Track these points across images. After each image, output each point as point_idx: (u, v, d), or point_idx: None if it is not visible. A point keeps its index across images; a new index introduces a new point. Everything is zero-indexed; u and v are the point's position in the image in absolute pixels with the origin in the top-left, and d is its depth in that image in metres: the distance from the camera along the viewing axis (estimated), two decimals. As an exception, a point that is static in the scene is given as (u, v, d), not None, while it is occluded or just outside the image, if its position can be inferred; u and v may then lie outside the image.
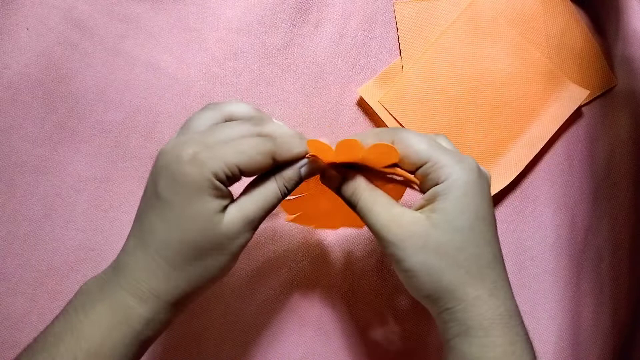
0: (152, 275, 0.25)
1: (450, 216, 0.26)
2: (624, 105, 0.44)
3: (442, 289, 0.26)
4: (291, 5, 0.41)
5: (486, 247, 0.26)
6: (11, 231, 0.36)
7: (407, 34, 0.43)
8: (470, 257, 0.26)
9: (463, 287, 0.25)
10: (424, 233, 0.26)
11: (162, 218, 0.25)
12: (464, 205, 0.26)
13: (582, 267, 0.43)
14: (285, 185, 0.27)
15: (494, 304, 0.26)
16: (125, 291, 0.25)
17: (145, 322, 0.25)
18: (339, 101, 0.41)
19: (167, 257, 0.25)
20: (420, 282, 0.26)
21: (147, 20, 0.39)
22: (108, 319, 0.24)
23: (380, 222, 0.27)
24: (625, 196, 0.43)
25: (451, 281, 0.25)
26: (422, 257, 0.26)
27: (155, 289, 0.25)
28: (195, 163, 0.24)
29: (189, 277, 0.25)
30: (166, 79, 0.39)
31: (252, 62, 0.40)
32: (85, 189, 0.37)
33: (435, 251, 0.26)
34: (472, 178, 0.26)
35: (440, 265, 0.26)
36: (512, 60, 0.43)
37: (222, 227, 0.25)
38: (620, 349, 0.42)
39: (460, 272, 0.26)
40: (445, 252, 0.26)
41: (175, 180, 0.25)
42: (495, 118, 0.42)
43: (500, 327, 0.25)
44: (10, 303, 0.35)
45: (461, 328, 0.25)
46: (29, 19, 0.37)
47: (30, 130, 0.37)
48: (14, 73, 0.37)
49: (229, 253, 0.26)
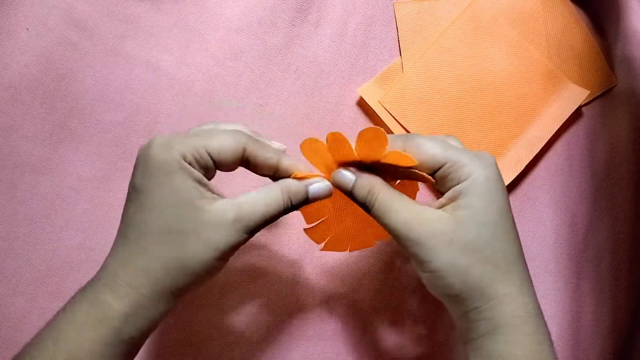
0: (129, 266, 0.24)
1: (475, 212, 0.25)
2: (624, 105, 0.44)
3: (471, 287, 0.25)
4: (291, 5, 0.41)
5: (512, 242, 0.26)
6: (11, 231, 0.36)
7: (407, 34, 0.43)
8: (498, 253, 0.25)
9: (492, 284, 0.25)
10: (449, 230, 0.25)
11: (138, 206, 0.25)
12: (488, 201, 0.25)
13: (582, 267, 0.43)
14: (290, 198, 0.27)
15: (523, 301, 0.25)
16: (102, 286, 0.24)
17: (124, 318, 0.24)
18: (339, 101, 0.41)
19: (144, 246, 0.24)
20: (448, 282, 0.25)
21: (147, 20, 0.39)
22: (85, 316, 0.24)
23: (400, 220, 0.26)
24: (625, 196, 0.43)
25: (480, 279, 0.25)
26: (449, 256, 0.25)
27: (132, 281, 0.24)
28: (164, 146, 0.25)
29: (168, 267, 0.24)
30: (166, 79, 0.39)
31: (252, 62, 0.40)
32: (85, 189, 0.37)
33: (462, 248, 0.25)
34: (493, 174, 0.26)
35: (468, 262, 0.25)
36: (512, 60, 0.43)
37: (206, 214, 0.25)
38: (620, 349, 0.42)
39: (489, 269, 0.25)
40: (473, 249, 0.25)
41: (147, 167, 0.25)
42: (495, 118, 0.42)
43: (528, 325, 0.25)
44: (10, 303, 0.35)
45: (489, 326, 0.25)
46: (29, 19, 0.37)
47: (30, 130, 0.37)
48: (14, 73, 0.37)
49: (214, 247, 0.25)
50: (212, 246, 0.25)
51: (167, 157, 0.24)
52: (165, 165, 0.24)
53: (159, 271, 0.24)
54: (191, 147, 0.25)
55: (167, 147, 0.24)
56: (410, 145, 0.27)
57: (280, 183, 0.27)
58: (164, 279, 0.24)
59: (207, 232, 0.25)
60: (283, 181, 0.27)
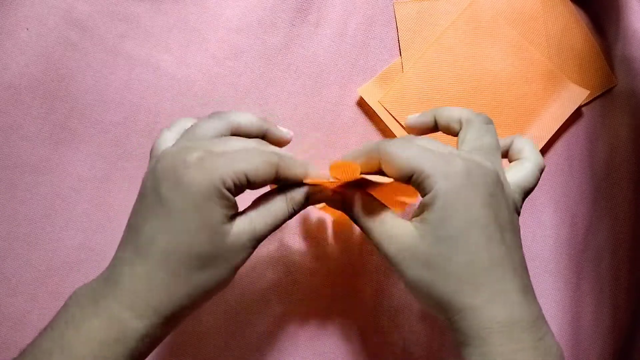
0: (152, 287, 0.24)
1: (434, 227, 0.25)
2: (624, 105, 0.44)
3: (438, 301, 0.25)
4: (291, 5, 0.41)
5: (480, 252, 0.25)
6: (11, 231, 0.36)
7: (407, 34, 0.43)
8: (461, 266, 0.25)
9: (457, 296, 0.25)
10: (413, 245, 0.25)
11: (166, 226, 0.24)
12: (448, 214, 0.25)
13: (582, 267, 0.43)
14: (293, 206, 0.27)
15: (493, 312, 0.24)
16: (121, 305, 0.23)
17: (141, 338, 0.24)
18: (339, 101, 0.41)
19: (168, 269, 0.24)
20: (419, 295, 0.26)
21: (147, 20, 0.39)
22: (101, 335, 0.23)
23: (376, 237, 0.27)
24: (625, 196, 0.43)
25: (444, 293, 0.25)
26: (414, 271, 0.25)
27: (154, 303, 0.24)
28: (204, 168, 0.23)
29: (189, 290, 0.24)
30: (166, 79, 0.39)
31: (252, 62, 0.40)
32: (85, 189, 0.37)
33: (424, 264, 0.25)
34: (456, 184, 0.25)
35: (430, 277, 0.25)
36: (512, 60, 0.43)
37: (229, 239, 0.25)
38: (620, 349, 0.42)
39: (451, 283, 0.25)
40: (434, 264, 0.25)
41: (182, 186, 0.23)
42: (495, 118, 0.42)
43: (499, 336, 0.24)
44: (10, 303, 0.35)
45: (461, 337, 0.25)
46: (29, 19, 0.37)
47: (30, 130, 0.37)
48: (14, 73, 0.37)
49: (231, 267, 0.25)
50: (231, 267, 0.25)
51: (207, 182, 0.23)
52: (205, 190, 0.23)
53: (183, 295, 0.24)
54: (231, 172, 0.24)
55: (207, 171, 0.24)
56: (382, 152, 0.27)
57: (287, 194, 0.28)
58: (184, 302, 0.24)
59: (228, 255, 0.25)
60: (289, 192, 0.28)
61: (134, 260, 0.24)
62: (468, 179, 0.25)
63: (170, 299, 0.24)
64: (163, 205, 0.24)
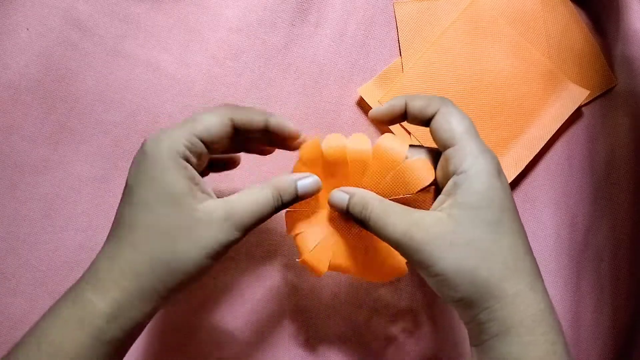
0: (115, 263, 0.23)
1: (475, 210, 0.24)
2: (624, 105, 0.44)
3: (479, 287, 0.24)
4: (291, 5, 0.41)
5: (518, 238, 0.25)
6: (11, 231, 0.36)
7: (407, 34, 0.43)
8: (504, 250, 0.24)
9: (501, 282, 0.24)
10: (450, 231, 0.24)
11: (129, 202, 0.24)
12: (488, 198, 0.25)
13: (582, 267, 0.43)
14: (281, 194, 0.27)
15: (535, 299, 0.24)
16: (86, 284, 0.23)
17: (108, 317, 0.23)
18: (339, 101, 0.41)
19: (132, 243, 0.24)
20: (453, 284, 0.24)
21: (147, 20, 0.39)
22: (67, 315, 0.23)
23: (399, 231, 0.25)
24: (625, 196, 0.43)
25: (487, 278, 0.24)
26: (452, 258, 0.24)
27: (117, 279, 0.23)
28: (156, 142, 0.24)
29: (156, 264, 0.24)
30: (166, 79, 0.39)
31: (252, 62, 0.40)
32: (85, 189, 0.37)
33: (465, 248, 0.24)
34: (494, 170, 0.25)
35: (473, 262, 0.24)
36: (512, 60, 0.43)
37: (197, 212, 0.24)
38: (620, 349, 0.42)
39: (495, 267, 0.24)
40: (477, 248, 0.24)
41: (139, 163, 0.25)
42: (495, 118, 0.42)
43: (543, 325, 0.24)
44: (10, 303, 0.35)
45: (501, 327, 0.24)
46: (29, 19, 0.37)
47: (30, 130, 0.37)
48: (14, 73, 0.37)
49: (203, 245, 0.24)
50: (202, 244, 0.24)
51: (159, 151, 0.24)
52: (159, 160, 0.24)
53: (146, 269, 0.23)
54: (180, 137, 0.25)
55: (158, 142, 0.24)
56: (442, 110, 0.27)
57: (271, 181, 0.27)
58: (150, 278, 0.24)
59: (197, 230, 0.24)
60: (273, 178, 0.27)
61: (106, 242, 0.25)
62: (499, 169, 0.26)
63: (134, 276, 0.23)
64: (129, 185, 0.25)
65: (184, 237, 0.24)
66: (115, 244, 0.24)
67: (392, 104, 0.30)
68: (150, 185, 0.24)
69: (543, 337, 0.23)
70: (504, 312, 0.24)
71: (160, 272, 0.24)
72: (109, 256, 0.24)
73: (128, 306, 0.23)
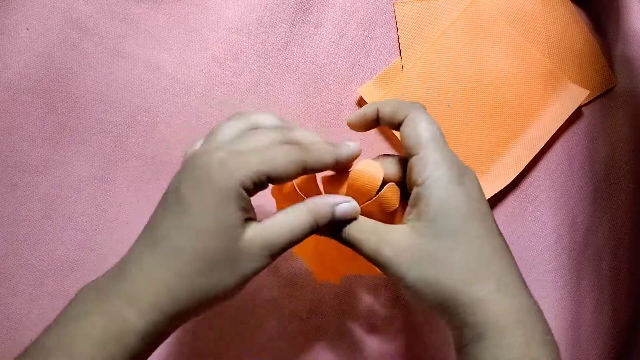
0: (156, 285, 0.23)
1: (433, 221, 0.25)
2: (624, 105, 0.44)
3: (444, 297, 0.24)
4: (291, 5, 0.41)
5: (481, 243, 0.25)
6: (11, 231, 0.36)
7: (407, 34, 0.43)
8: (464, 257, 0.25)
9: (465, 289, 0.24)
10: (413, 244, 0.25)
11: (180, 223, 0.23)
12: (447, 207, 0.25)
13: (582, 267, 0.43)
14: (317, 220, 0.26)
15: (504, 302, 0.24)
16: (123, 301, 0.23)
17: (141, 337, 0.23)
18: (339, 101, 0.41)
19: (175, 267, 0.23)
20: (422, 295, 0.25)
21: (147, 20, 0.39)
22: (101, 332, 0.22)
23: (371, 248, 0.26)
24: (625, 196, 0.43)
25: (451, 287, 0.24)
26: (416, 270, 0.25)
27: (157, 302, 0.23)
28: (224, 168, 0.23)
29: (194, 291, 0.23)
30: (166, 79, 0.39)
31: (252, 62, 0.40)
32: (85, 189, 0.37)
33: (427, 260, 0.25)
34: (454, 177, 0.25)
35: (434, 273, 0.24)
36: (512, 60, 0.43)
37: (240, 244, 0.24)
38: (620, 349, 0.42)
39: (457, 276, 0.24)
40: (438, 259, 0.24)
41: (201, 185, 0.23)
42: (495, 118, 0.42)
43: (514, 326, 0.24)
44: (10, 303, 0.35)
45: (474, 332, 0.24)
46: (29, 19, 0.37)
47: (30, 130, 0.37)
48: (14, 73, 0.37)
49: (240, 275, 0.24)
50: (240, 275, 0.24)
51: (226, 182, 0.23)
52: (223, 190, 0.23)
53: (187, 296, 0.23)
54: (252, 172, 0.24)
55: (227, 171, 0.23)
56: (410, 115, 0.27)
57: (307, 204, 0.26)
58: (188, 304, 0.24)
59: (239, 261, 0.24)
60: (311, 202, 0.26)
61: (142, 255, 0.24)
62: (460, 173, 0.26)
63: (171, 299, 0.23)
64: (181, 203, 0.24)
65: (227, 267, 0.24)
66: (156, 264, 0.23)
67: (364, 112, 0.30)
68: (208, 213, 0.23)
69: (517, 339, 0.23)
70: (474, 318, 0.24)
71: (200, 300, 0.24)
72: (147, 275, 0.23)
73: (161, 327, 0.23)
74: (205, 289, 0.24)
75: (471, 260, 0.25)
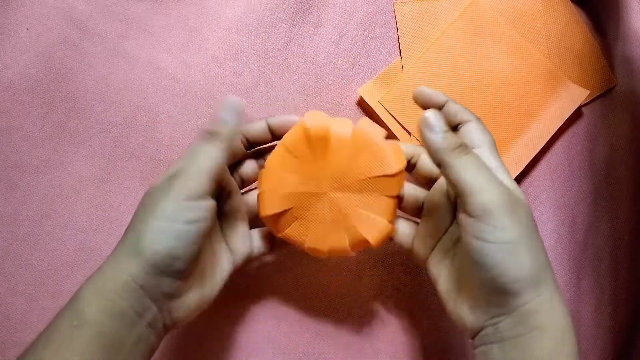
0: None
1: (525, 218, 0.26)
2: (624, 105, 0.44)
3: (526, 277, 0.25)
4: (291, 5, 0.41)
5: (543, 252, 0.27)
6: (11, 231, 0.36)
7: (407, 34, 0.43)
8: (542, 252, 0.26)
9: (542, 281, 0.25)
10: (524, 206, 0.26)
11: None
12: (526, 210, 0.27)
13: (582, 267, 0.43)
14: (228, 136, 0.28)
15: (562, 301, 0.26)
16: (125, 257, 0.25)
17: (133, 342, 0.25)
18: (339, 101, 0.41)
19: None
20: (507, 263, 0.25)
21: (147, 20, 0.39)
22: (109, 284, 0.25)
23: (477, 185, 0.25)
24: (625, 196, 0.43)
25: (537, 271, 0.25)
26: (517, 232, 0.25)
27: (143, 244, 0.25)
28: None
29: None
30: (166, 79, 0.39)
31: (252, 62, 0.40)
32: (85, 189, 0.37)
33: (531, 230, 0.26)
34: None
35: (533, 245, 0.25)
36: (512, 60, 0.43)
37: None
38: (620, 349, 0.42)
39: (539, 265, 0.25)
40: (534, 236, 0.26)
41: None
42: (495, 118, 0.42)
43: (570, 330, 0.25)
44: (10, 303, 0.35)
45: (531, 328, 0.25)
46: (29, 19, 0.37)
47: (30, 130, 0.37)
48: (14, 73, 0.37)
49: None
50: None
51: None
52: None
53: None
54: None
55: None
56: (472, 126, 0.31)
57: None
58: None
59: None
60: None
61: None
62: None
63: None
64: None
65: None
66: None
67: (439, 95, 0.33)
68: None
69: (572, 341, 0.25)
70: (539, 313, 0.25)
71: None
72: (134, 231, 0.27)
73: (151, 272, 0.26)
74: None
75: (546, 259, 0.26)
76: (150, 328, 0.26)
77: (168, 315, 0.27)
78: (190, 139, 0.39)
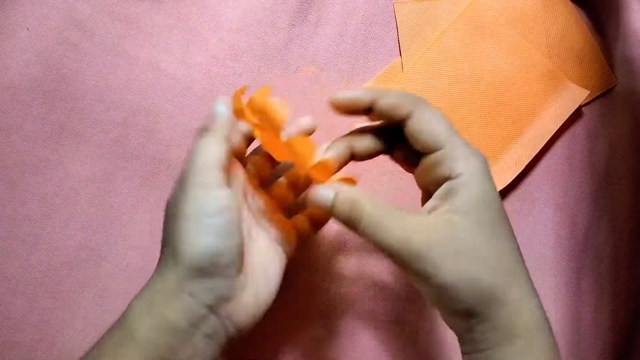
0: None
1: (475, 215, 0.24)
2: (624, 105, 0.44)
3: (483, 296, 0.23)
4: (291, 5, 0.41)
5: (514, 242, 0.25)
6: (11, 231, 0.36)
7: (407, 34, 0.43)
8: (505, 255, 0.24)
9: (504, 289, 0.23)
10: (451, 238, 0.23)
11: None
12: (486, 201, 0.24)
13: (582, 267, 0.43)
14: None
15: (536, 305, 0.24)
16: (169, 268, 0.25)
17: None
18: (339, 101, 0.41)
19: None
20: (458, 295, 0.23)
21: (147, 20, 0.39)
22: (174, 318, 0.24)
23: (395, 237, 0.23)
24: (625, 196, 0.43)
25: (492, 285, 0.23)
26: (456, 266, 0.23)
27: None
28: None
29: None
30: (166, 79, 0.39)
31: (252, 62, 0.40)
32: (85, 189, 0.37)
33: (468, 256, 0.23)
34: (486, 172, 0.25)
35: (476, 269, 0.23)
36: (512, 60, 0.43)
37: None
38: (620, 349, 0.42)
39: (500, 273, 0.23)
40: (479, 255, 0.23)
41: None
42: (495, 118, 0.42)
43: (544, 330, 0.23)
44: (10, 303, 0.35)
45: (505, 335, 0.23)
46: (29, 19, 0.37)
47: (30, 130, 0.37)
48: (14, 73, 0.37)
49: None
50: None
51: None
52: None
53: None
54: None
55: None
56: (418, 112, 0.25)
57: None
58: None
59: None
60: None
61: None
62: (488, 169, 0.25)
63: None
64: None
65: None
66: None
67: (355, 96, 0.27)
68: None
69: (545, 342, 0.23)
70: (508, 320, 0.23)
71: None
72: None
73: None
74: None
75: (510, 258, 0.24)
76: (209, 339, 0.24)
77: (229, 321, 0.25)
78: (190, 139, 0.39)
